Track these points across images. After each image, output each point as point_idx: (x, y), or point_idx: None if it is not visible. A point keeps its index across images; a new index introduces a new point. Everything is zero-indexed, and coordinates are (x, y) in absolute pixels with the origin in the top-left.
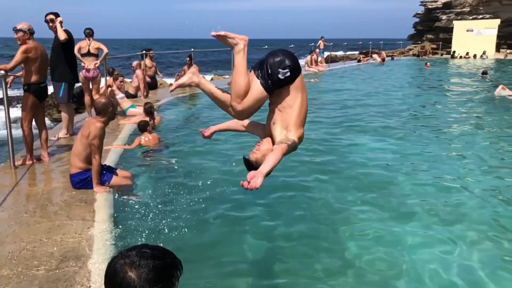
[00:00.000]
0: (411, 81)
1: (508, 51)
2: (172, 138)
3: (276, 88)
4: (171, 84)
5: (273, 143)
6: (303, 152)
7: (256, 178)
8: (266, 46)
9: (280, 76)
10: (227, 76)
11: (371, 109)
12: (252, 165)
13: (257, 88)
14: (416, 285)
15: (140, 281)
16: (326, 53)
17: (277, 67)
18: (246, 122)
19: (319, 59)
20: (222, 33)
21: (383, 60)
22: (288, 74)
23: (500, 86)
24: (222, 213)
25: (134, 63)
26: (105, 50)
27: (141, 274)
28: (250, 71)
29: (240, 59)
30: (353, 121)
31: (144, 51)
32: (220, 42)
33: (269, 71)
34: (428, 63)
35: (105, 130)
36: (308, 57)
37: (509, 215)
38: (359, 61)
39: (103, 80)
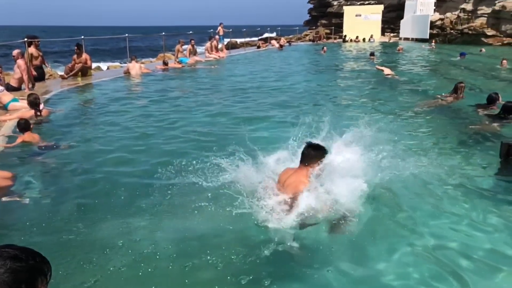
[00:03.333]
0: (309, 65)
1: (392, 34)
2: (61, 133)
3: None
4: (61, 75)
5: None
6: (195, 144)
7: None
8: (163, 33)
9: None
10: (124, 65)
11: (270, 94)
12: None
13: None
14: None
15: None
16: (226, 40)
17: None
18: None
19: (220, 45)
20: None
21: (281, 46)
22: None
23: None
24: (109, 213)
25: (15, 52)
26: None
27: None
28: None
29: None
30: (250, 107)
31: (27, 39)
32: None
33: None
34: (325, 47)
35: None
36: (208, 44)
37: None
38: (258, 47)
39: None
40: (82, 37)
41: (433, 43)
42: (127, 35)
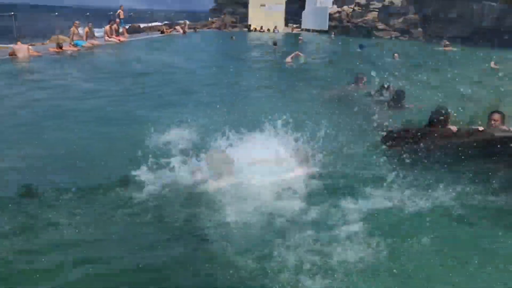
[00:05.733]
0: (212, 52)
1: (295, 25)
2: None
3: None
4: None
5: None
6: (82, 136)
7: None
8: (56, 13)
9: None
10: (10, 46)
11: (168, 81)
12: None
13: None
14: None
15: None
16: (128, 24)
17: None
18: None
19: (120, 29)
20: None
21: (185, 32)
22: None
23: (290, 56)
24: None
25: None
26: None
27: None
28: None
29: None
30: (147, 95)
31: None
32: None
33: None
34: (233, 36)
35: None
36: (107, 27)
37: None
38: (162, 32)
39: None
40: None
41: (332, 35)
42: (12, 13)
